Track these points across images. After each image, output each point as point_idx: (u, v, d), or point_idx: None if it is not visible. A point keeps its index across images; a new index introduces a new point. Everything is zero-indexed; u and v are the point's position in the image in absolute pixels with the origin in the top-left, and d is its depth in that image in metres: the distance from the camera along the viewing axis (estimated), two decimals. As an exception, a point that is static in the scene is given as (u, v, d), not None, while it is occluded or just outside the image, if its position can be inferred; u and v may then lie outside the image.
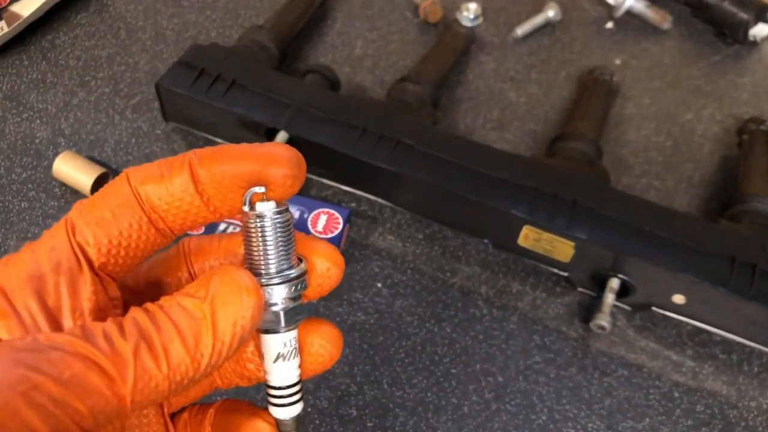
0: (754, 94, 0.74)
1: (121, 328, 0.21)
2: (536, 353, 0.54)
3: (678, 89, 0.73)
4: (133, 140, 0.63)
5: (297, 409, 0.27)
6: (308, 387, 0.51)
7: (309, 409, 0.50)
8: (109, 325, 0.21)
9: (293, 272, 0.25)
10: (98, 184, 0.58)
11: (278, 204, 0.25)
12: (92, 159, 0.61)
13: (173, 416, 0.29)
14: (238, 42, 0.65)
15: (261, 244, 0.25)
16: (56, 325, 0.23)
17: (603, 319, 0.53)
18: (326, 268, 0.26)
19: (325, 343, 0.27)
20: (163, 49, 0.71)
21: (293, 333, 0.26)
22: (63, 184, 0.59)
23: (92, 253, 0.24)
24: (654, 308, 0.56)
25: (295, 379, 0.27)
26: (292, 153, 0.25)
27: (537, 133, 0.68)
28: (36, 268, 0.23)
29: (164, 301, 0.23)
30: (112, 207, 0.24)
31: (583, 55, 0.75)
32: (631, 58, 0.76)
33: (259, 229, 0.24)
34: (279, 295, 0.25)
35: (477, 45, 0.75)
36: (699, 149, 0.68)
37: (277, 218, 0.24)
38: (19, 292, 0.23)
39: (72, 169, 0.58)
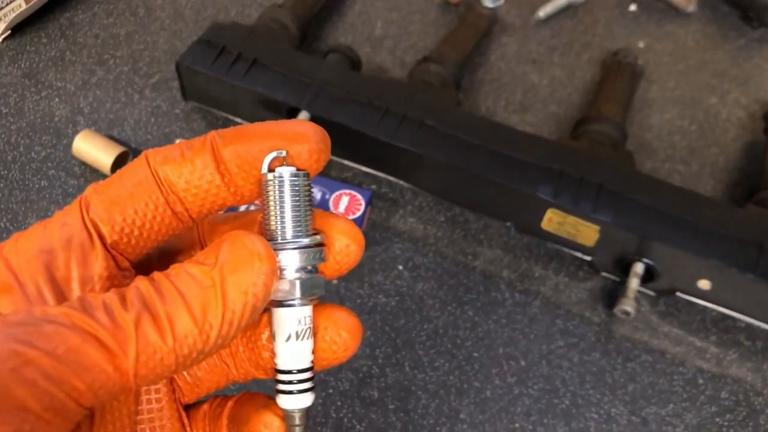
0: (779, 79, 0.72)
1: (123, 299, 0.20)
2: (559, 338, 0.54)
3: (702, 73, 0.72)
4: (153, 119, 0.63)
5: (306, 399, 0.25)
6: (330, 369, 0.51)
7: (330, 391, 0.50)
8: (110, 296, 0.20)
9: (310, 240, 0.24)
10: (118, 162, 0.57)
11: (298, 169, 0.24)
12: (111, 138, 0.60)
13: (191, 408, 0.27)
14: (259, 21, 0.64)
15: (278, 207, 0.23)
16: (64, 300, 0.22)
17: (627, 304, 0.52)
18: (345, 245, 0.25)
19: (342, 331, 0.25)
20: (182, 27, 0.70)
21: (308, 309, 0.24)
22: (83, 163, 0.59)
23: (105, 230, 0.23)
24: (678, 294, 0.55)
25: (307, 364, 0.25)
26: (318, 129, 0.24)
27: (559, 116, 0.67)
28: (46, 243, 0.23)
29: (172, 269, 0.22)
30: (128, 186, 0.23)
31: (606, 38, 0.74)
32: (655, 41, 0.74)
33: (277, 191, 0.23)
34: (294, 263, 0.23)
35: (499, 26, 0.74)
36: (724, 134, 0.67)
37: (296, 180, 0.23)
38: (27, 266, 0.22)
39: (92, 148, 0.57)
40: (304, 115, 0.56)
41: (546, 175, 0.54)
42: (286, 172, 0.23)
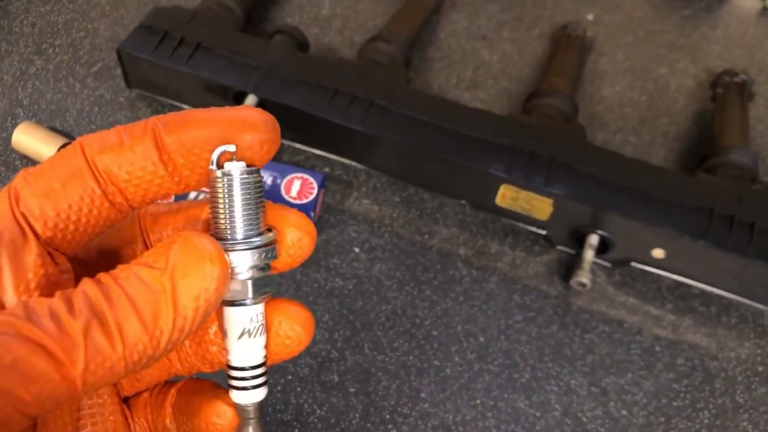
0: (726, 47, 0.73)
1: (70, 305, 0.19)
2: (517, 312, 0.54)
3: (651, 44, 0.72)
4: (96, 109, 0.61)
5: (260, 394, 0.25)
6: (288, 355, 0.50)
7: (290, 377, 0.49)
8: (56, 301, 0.19)
9: (262, 239, 0.23)
10: (61, 155, 0.56)
11: (249, 165, 0.23)
12: (53, 129, 0.58)
13: (130, 397, 0.27)
14: (201, 4, 0.63)
15: (228, 206, 0.23)
16: None
17: (583, 276, 0.52)
18: (297, 238, 0.24)
19: (295, 325, 0.25)
20: (124, 14, 0.68)
21: (260, 307, 0.24)
22: (24, 156, 0.57)
23: (38, 225, 0.22)
24: (633, 263, 0.56)
25: (260, 360, 0.24)
26: (267, 117, 0.23)
27: (511, 91, 0.67)
28: None
29: (120, 271, 0.21)
30: (61, 177, 0.22)
31: (555, 12, 0.74)
32: (604, 13, 0.75)
33: (227, 190, 0.22)
34: (246, 263, 0.23)
35: (448, 2, 0.73)
36: (674, 104, 0.68)
37: (247, 178, 0.23)
38: None
39: (33, 140, 0.55)
40: (251, 98, 0.55)
41: (498, 151, 0.53)
42: (236, 169, 0.22)
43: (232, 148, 0.22)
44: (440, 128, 0.54)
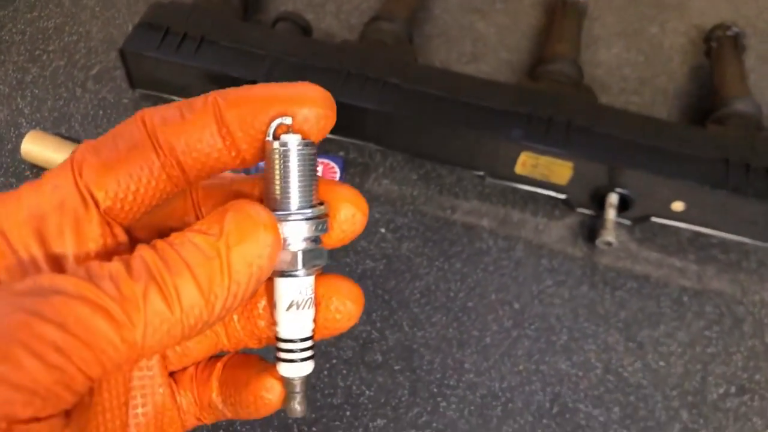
0: (710, 3, 0.75)
1: (129, 268, 0.20)
2: (547, 277, 0.54)
3: (639, 4, 0.74)
4: (101, 112, 0.60)
5: (307, 368, 0.25)
6: (330, 339, 0.50)
7: (334, 361, 0.49)
8: (116, 265, 0.20)
9: (314, 211, 0.23)
10: (74, 160, 0.54)
11: (304, 138, 0.23)
12: (60, 136, 0.57)
13: (176, 372, 0.27)
14: (198, -3, 0.62)
15: (282, 177, 0.23)
16: (59, 268, 0.22)
17: (608, 235, 0.53)
18: (351, 214, 0.25)
19: (347, 301, 0.25)
20: (115, 14, 0.67)
21: (310, 280, 0.24)
22: (34, 166, 0.56)
23: (99, 195, 0.22)
24: (653, 218, 0.57)
25: (308, 333, 0.25)
26: (324, 92, 0.23)
27: (513, 62, 0.67)
28: (36, 207, 0.22)
29: (175, 237, 0.21)
30: (123, 149, 0.22)
31: (543, -20, 0.74)
32: (590, -22, 0.75)
33: (282, 161, 0.23)
34: (298, 234, 0.23)
35: (438, -21, 0.73)
36: (669, 62, 0.69)
37: (303, 150, 0.23)
38: (18, 231, 0.21)
39: (44, 149, 0.54)
40: (263, 87, 0.55)
41: (515, 119, 0.54)
42: (293, 141, 0.23)
43: (288, 120, 0.23)
44: (456, 101, 0.55)
